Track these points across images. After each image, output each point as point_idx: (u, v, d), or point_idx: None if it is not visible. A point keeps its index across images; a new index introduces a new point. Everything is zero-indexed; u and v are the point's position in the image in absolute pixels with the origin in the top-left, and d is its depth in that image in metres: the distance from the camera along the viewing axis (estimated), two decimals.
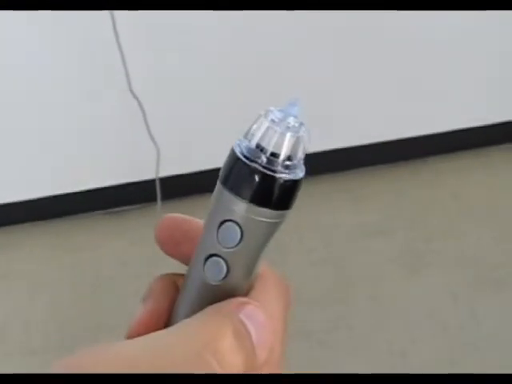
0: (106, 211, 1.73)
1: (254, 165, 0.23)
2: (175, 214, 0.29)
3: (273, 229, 0.25)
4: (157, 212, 1.64)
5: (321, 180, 1.59)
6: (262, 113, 0.24)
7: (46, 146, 1.61)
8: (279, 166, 0.23)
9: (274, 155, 0.23)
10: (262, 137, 0.24)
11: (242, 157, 0.23)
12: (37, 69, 1.50)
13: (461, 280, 1.44)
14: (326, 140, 1.59)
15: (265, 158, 0.23)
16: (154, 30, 1.45)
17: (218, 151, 1.39)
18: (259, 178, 0.23)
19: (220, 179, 0.25)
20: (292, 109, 0.24)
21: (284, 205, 0.24)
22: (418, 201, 1.64)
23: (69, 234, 1.70)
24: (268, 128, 0.24)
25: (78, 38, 1.45)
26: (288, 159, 0.24)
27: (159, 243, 0.29)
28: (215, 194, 0.25)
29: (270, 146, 0.23)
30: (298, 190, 0.24)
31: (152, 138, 1.52)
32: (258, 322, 0.24)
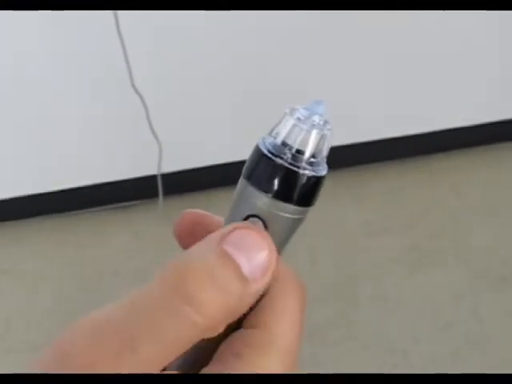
0: (108, 206, 1.74)
1: (280, 161, 0.24)
2: (195, 210, 0.29)
3: (295, 225, 0.25)
4: (159, 207, 1.66)
5: None
6: (287, 111, 0.25)
7: (50, 142, 1.62)
8: (304, 163, 0.24)
9: (299, 152, 0.24)
10: (288, 134, 0.24)
11: (268, 153, 0.24)
12: (38, 66, 1.50)
13: (463, 278, 1.44)
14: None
15: (290, 155, 0.24)
16: (157, 25, 1.46)
17: (220, 148, 1.42)
18: (284, 174, 0.24)
19: (244, 175, 0.25)
20: (317, 107, 0.24)
21: (307, 201, 0.24)
22: (420, 199, 1.64)
23: (72, 229, 1.71)
24: (294, 125, 0.24)
25: (80, 34, 1.45)
26: (312, 156, 0.24)
27: (177, 238, 0.28)
28: (238, 189, 0.25)
29: (295, 143, 0.24)
30: (321, 187, 0.25)
31: (154, 134, 1.52)
32: (248, 247, 0.23)
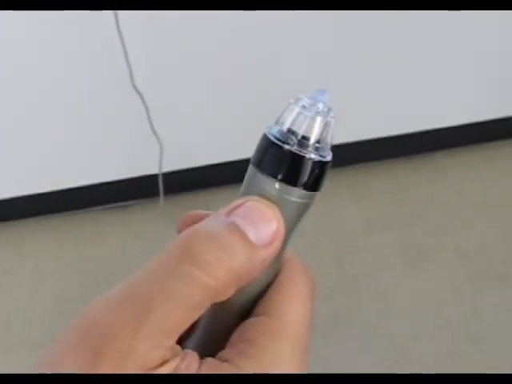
0: (109, 206, 1.74)
1: (287, 146, 0.24)
2: (198, 210, 0.29)
3: (302, 209, 0.26)
4: (159, 207, 1.66)
5: None
6: (291, 100, 0.25)
7: (50, 142, 1.62)
8: (310, 148, 0.25)
9: (305, 138, 0.25)
10: (293, 121, 0.25)
11: (275, 140, 0.25)
12: (38, 66, 1.50)
13: (464, 275, 1.44)
14: None
15: (296, 141, 0.25)
16: (158, 25, 1.45)
17: (221, 147, 1.42)
18: (291, 159, 0.24)
19: (253, 162, 0.26)
20: (321, 95, 0.25)
21: (314, 185, 0.25)
22: (420, 196, 1.64)
23: (72, 228, 1.71)
24: (299, 113, 0.25)
25: (80, 34, 1.45)
26: (317, 142, 0.25)
27: None
28: (247, 177, 0.26)
29: (300, 129, 0.25)
30: (327, 172, 0.26)
31: (155, 134, 1.52)
32: (255, 218, 0.24)
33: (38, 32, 1.43)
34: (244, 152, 0.29)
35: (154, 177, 1.63)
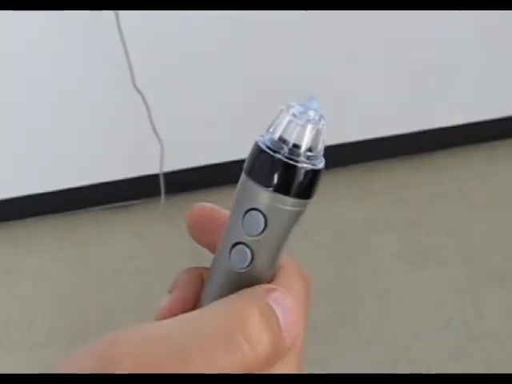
0: (110, 205, 1.74)
1: (278, 155, 0.24)
2: (206, 203, 0.30)
3: (295, 217, 0.26)
4: (161, 206, 1.65)
5: (325, 174, 1.61)
6: (283, 107, 0.25)
7: (50, 142, 1.62)
8: (301, 157, 0.25)
9: (296, 146, 0.25)
10: (284, 129, 0.25)
11: (266, 148, 0.25)
12: (39, 66, 1.50)
13: (464, 274, 1.44)
14: (329, 135, 1.63)
15: (287, 149, 0.24)
16: (158, 26, 1.46)
17: (221, 147, 1.43)
18: (282, 168, 0.24)
19: (245, 170, 0.26)
20: (312, 103, 0.25)
21: (306, 194, 0.25)
22: (421, 195, 1.65)
23: (74, 228, 1.71)
24: (290, 121, 0.25)
25: (82, 34, 1.46)
26: (309, 150, 0.25)
27: (190, 230, 0.30)
28: (240, 184, 0.26)
29: (291, 137, 0.25)
30: (319, 180, 0.26)
31: (156, 133, 1.53)
32: (284, 307, 0.25)
33: (39, 32, 1.44)
34: (244, 152, 0.27)
35: (154, 176, 1.63)
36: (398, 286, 1.42)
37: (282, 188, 0.25)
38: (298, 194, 0.25)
